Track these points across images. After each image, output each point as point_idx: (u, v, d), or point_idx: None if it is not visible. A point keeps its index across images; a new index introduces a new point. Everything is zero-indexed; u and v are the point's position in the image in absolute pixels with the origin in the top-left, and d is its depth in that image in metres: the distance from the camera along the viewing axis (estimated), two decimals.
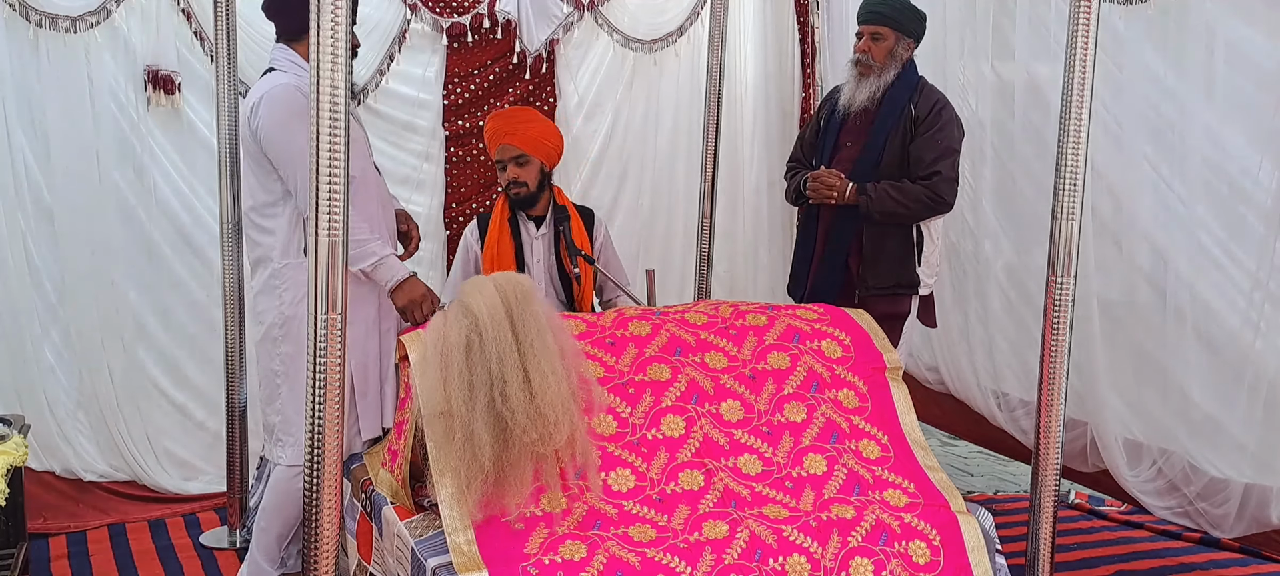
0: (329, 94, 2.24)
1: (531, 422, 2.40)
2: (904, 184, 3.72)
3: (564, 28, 4.90)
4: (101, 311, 4.14)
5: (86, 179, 4.10)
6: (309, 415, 2.35)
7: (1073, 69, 2.65)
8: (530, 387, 2.42)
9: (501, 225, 3.77)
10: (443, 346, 2.52)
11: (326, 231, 2.29)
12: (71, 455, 4.17)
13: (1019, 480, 5.08)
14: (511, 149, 3.70)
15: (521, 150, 3.70)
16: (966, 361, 4.67)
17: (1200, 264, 3.63)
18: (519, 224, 3.79)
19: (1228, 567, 3.88)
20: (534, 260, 3.78)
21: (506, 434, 2.41)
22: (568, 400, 2.46)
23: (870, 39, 3.81)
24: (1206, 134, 3.57)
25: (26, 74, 4.00)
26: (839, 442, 2.80)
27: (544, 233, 3.80)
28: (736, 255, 5.35)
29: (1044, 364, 2.81)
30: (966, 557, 2.60)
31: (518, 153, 3.70)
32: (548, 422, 2.41)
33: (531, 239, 3.79)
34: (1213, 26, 3.51)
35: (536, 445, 2.42)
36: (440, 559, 2.47)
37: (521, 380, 2.43)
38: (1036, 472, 2.87)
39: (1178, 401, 3.74)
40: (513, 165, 3.71)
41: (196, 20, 4.27)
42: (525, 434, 2.40)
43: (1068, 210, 2.72)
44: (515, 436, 2.41)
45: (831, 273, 3.83)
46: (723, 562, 2.44)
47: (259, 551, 3.34)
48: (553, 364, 2.47)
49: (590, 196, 5.03)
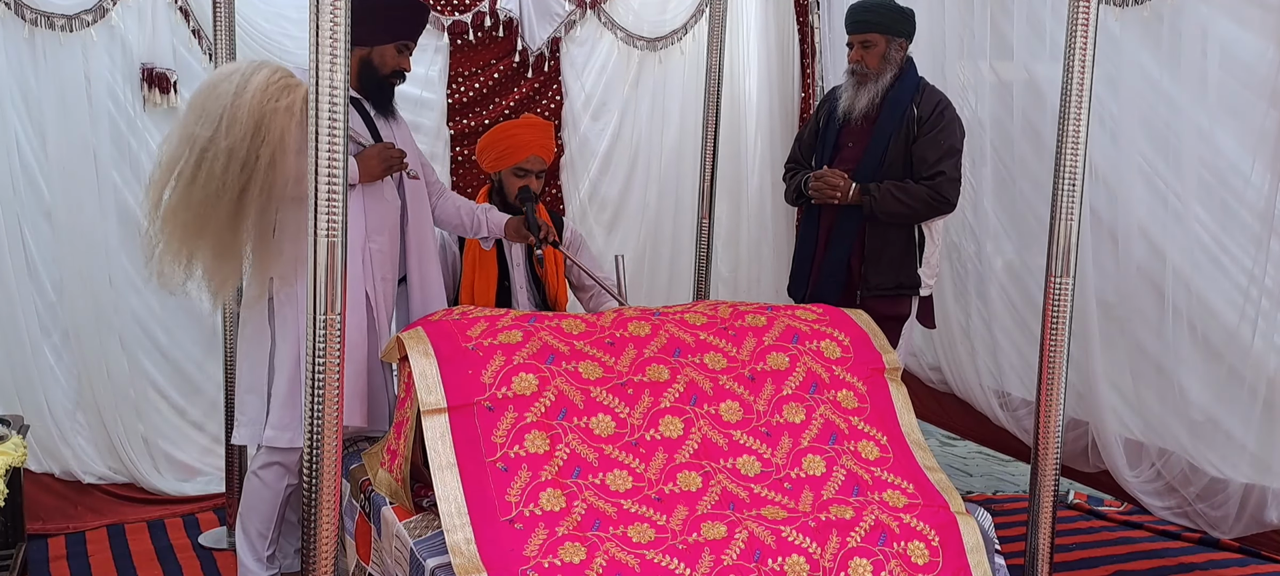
0: (329, 94, 2.24)
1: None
2: (908, 184, 3.72)
3: (566, 26, 4.90)
4: (100, 311, 4.14)
5: (84, 178, 4.10)
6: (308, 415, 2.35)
7: (1071, 69, 2.65)
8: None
9: None
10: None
11: (325, 232, 2.29)
12: (70, 457, 4.17)
13: (1018, 480, 5.08)
14: (539, 161, 3.83)
15: (546, 164, 3.85)
16: (968, 361, 4.67)
17: (1198, 261, 3.64)
18: None
19: (1227, 567, 3.89)
20: (514, 264, 3.85)
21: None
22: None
23: (861, 48, 3.81)
24: (1200, 135, 3.58)
25: (23, 73, 3.99)
26: (838, 443, 2.80)
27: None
28: (741, 256, 5.35)
29: (1043, 363, 2.81)
30: (965, 558, 2.59)
31: (543, 164, 3.84)
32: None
33: (511, 244, 3.86)
34: (1206, 29, 3.52)
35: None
36: (439, 559, 2.47)
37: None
38: (1036, 472, 2.87)
39: (1177, 401, 3.75)
40: (535, 177, 3.82)
41: (195, 18, 4.26)
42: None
43: (1067, 210, 2.72)
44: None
45: (833, 273, 3.83)
46: (722, 563, 2.44)
47: (242, 551, 3.35)
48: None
49: (598, 195, 5.05)
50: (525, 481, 2.55)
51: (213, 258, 3.15)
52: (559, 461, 2.60)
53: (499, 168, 3.84)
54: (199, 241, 3.10)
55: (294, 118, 3.03)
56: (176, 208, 3.05)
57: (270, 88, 3.03)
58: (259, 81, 3.03)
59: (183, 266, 3.13)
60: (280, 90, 3.05)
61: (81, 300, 4.11)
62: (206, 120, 3.01)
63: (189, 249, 3.11)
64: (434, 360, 2.73)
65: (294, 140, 3.02)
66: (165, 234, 3.09)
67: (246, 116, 2.99)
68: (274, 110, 3.01)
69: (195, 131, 3.02)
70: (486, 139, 3.91)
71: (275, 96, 3.02)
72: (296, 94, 3.06)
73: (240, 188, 3.03)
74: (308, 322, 2.34)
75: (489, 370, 2.71)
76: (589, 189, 5.03)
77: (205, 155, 3.00)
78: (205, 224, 3.05)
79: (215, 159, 2.99)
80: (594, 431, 2.69)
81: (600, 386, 2.77)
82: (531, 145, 3.80)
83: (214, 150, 2.99)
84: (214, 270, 3.18)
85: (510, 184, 3.82)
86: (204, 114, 3.02)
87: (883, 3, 3.81)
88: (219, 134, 2.98)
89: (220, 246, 3.12)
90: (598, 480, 2.60)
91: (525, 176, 3.80)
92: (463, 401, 2.66)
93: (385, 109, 3.38)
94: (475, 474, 2.55)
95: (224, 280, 3.23)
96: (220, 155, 2.99)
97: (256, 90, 3.01)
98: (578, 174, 5.01)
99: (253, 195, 3.04)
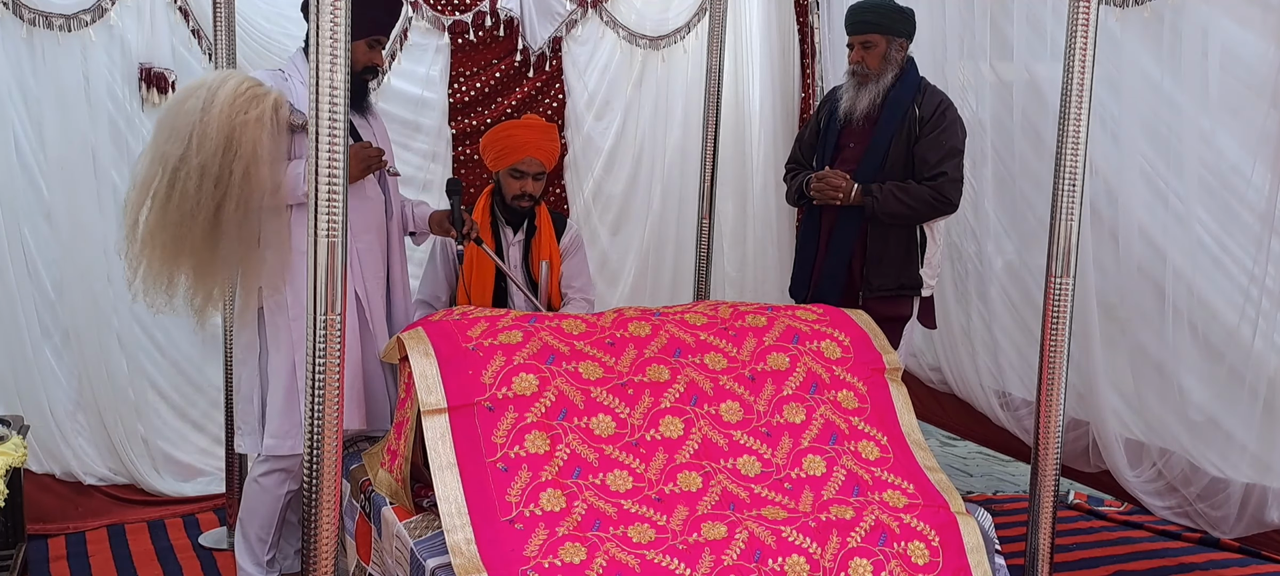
0: (329, 94, 2.23)
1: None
2: (910, 185, 3.72)
3: (567, 25, 4.89)
4: (99, 311, 4.14)
5: (83, 178, 4.09)
6: (308, 417, 2.35)
7: (1071, 69, 2.65)
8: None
9: (482, 229, 3.82)
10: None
11: (325, 232, 2.28)
12: (71, 458, 4.17)
13: (1018, 480, 5.08)
14: (537, 163, 3.79)
15: (545, 167, 3.81)
16: (968, 361, 4.67)
17: (1198, 261, 3.64)
18: (498, 227, 3.86)
19: (1227, 567, 3.89)
20: (512, 265, 3.85)
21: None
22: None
23: (861, 48, 3.81)
24: (1201, 135, 3.58)
25: (22, 73, 3.99)
26: (838, 443, 2.80)
27: (520, 238, 3.88)
28: (748, 256, 5.35)
29: (1043, 364, 2.81)
30: (965, 558, 2.59)
31: (541, 167, 3.80)
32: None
33: (509, 244, 3.87)
34: (1206, 29, 3.52)
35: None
36: (439, 559, 2.47)
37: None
38: (1036, 472, 2.86)
39: (1178, 401, 3.75)
40: (532, 180, 3.79)
41: (194, 18, 4.26)
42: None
43: (1067, 210, 2.72)
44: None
45: (834, 274, 3.82)
46: (722, 563, 2.44)
47: (242, 556, 3.35)
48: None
49: (603, 194, 5.04)
50: (525, 481, 2.55)
51: (194, 276, 3.11)
52: (559, 461, 2.60)
53: (498, 167, 3.84)
54: (178, 260, 3.06)
55: (265, 127, 2.99)
56: (155, 228, 3.02)
57: (238, 99, 2.99)
58: (226, 94, 2.99)
59: (165, 286, 3.09)
60: (249, 101, 3.01)
61: (81, 300, 4.11)
62: (176, 138, 2.98)
63: (170, 268, 3.07)
64: (434, 360, 2.73)
65: (267, 151, 2.99)
66: (145, 255, 3.05)
67: (216, 132, 2.95)
68: (244, 122, 2.97)
69: (166, 150, 2.98)
70: (488, 137, 3.90)
71: (244, 108, 2.99)
72: (266, 103, 3.02)
73: (215, 204, 2.99)
74: (307, 324, 2.34)
75: (489, 370, 2.71)
76: (593, 188, 5.02)
77: (178, 174, 2.97)
78: (183, 243, 3.02)
79: (188, 177, 2.96)
80: (594, 431, 2.68)
81: (600, 386, 2.77)
82: (528, 146, 3.77)
83: (186, 169, 2.95)
84: (196, 288, 3.14)
85: (507, 184, 3.81)
86: (174, 132, 2.99)
87: (883, 3, 3.81)
88: (190, 151, 2.95)
89: (200, 264, 3.08)
90: (598, 480, 2.60)
91: (522, 178, 3.77)
92: (463, 401, 2.66)
93: (360, 106, 3.36)
94: (475, 474, 2.55)
95: (207, 297, 3.19)
96: (193, 173, 2.96)
97: (224, 103, 2.97)
98: (582, 173, 5.00)
99: (229, 210, 3.01)
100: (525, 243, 3.87)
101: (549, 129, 3.92)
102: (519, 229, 3.88)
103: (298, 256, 3.13)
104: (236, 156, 2.96)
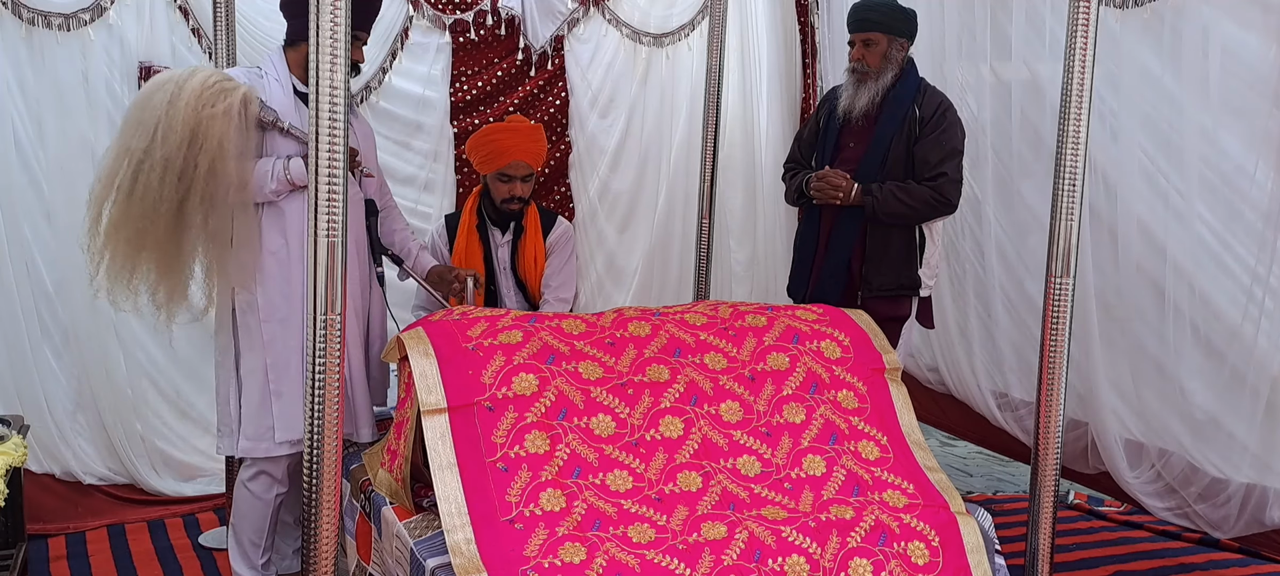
0: (329, 94, 2.23)
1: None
2: (909, 185, 3.71)
3: (569, 24, 4.89)
4: (99, 311, 4.13)
5: (83, 177, 4.07)
6: (308, 416, 2.35)
7: (1072, 69, 2.65)
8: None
9: (470, 230, 3.84)
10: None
11: (325, 232, 2.29)
12: (71, 458, 4.17)
13: (1018, 480, 5.08)
14: (524, 166, 3.77)
15: (532, 169, 3.79)
16: (966, 362, 4.67)
17: (1200, 261, 3.64)
18: (486, 229, 3.86)
19: (1227, 568, 3.89)
20: (500, 267, 3.85)
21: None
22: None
23: (862, 46, 3.80)
24: (1203, 135, 3.58)
25: (22, 72, 3.99)
26: (838, 443, 2.80)
27: (508, 238, 3.87)
28: (758, 252, 5.34)
29: (1043, 364, 2.80)
30: (965, 558, 2.59)
31: (529, 170, 3.78)
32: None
33: (497, 245, 3.86)
34: (1207, 30, 3.52)
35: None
36: (439, 559, 2.47)
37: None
38: (1036, 473, 2.86)
39: (1177, 401, 3.75)
40: (521, 182, 3.77)
41: (194, 17, 4.26)
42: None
43: (1067, 210, 2.72)
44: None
45: (834, 274, 3.82)
46: (722, 563, 2.44)
47: (236, 561, 3.34)
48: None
49: (609, 193, 5.03)
50: (525, 481, 2.55)
51: (157, 273, 3.08)
52: (559, 461, 2.60)
53: (485, 170, 3.82)
54: (141, 255, 3.03)
55: (232, 122, 2.97)
56: (118, 222, 2.99)
57: (205, 93, 2.97)
58: (194, 87, 2.97)
59: (127, 282, 3.05)
60: (216, 95, 2.98)
61: (81, 300, 4.11)
62: (142, 131, 2.95)
63: (132, 264, 3.04)
64: (434, 360, 2.73)
65: (233, 145, 2.96)
66: (108, 249, 3.02)
67: (181, 125, 2.92)
68: (211, 116, 2.95)
69: (131, 143, 2.96)
70: (473, 141, 3.88)
71: (211, 101, 2.96)
72: (234, 97, 2.99)
73: (179, 198, 2.97)
74: (307, 324, 2.34)
75: (489, 370, 2.71)
76: (599, 187, 5.01)
77: (141, 167, 2.94)
78: (145, 238, 2.99)
79: (151, 170, 2.93)
80: (594, 431, 2.68)
81: (600, 386, 2.77)
82: (514, 150, 3.74)
83: (149, 161, 2.93)
84: (159, 284, 3.10)
85: (495, 188, 3.79)
86: (139, 125, 2.96)
87: (886, 1, 3.81)
88: (154, 144, 2.92)
89: (164, 260, 3.05)
90: (598, 480, 2.60)
91: (510, 181, 3.75)
92: (463, 401, 2.66)
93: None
94: (475, 474, 2.55)
95: (170, 294, 3.13)
96: (156, 166, 2.93)
97: (191, 97, 2.95)
98: (587, 172, 4.99)
99: (193, 205, 2.98)
100: (513, 243, 3.86)
101: (535, 130, 3.88)
102: (506, 230, 3.86)
103: (268, 256, 3.12)
104: (201, 150, 2.94)
